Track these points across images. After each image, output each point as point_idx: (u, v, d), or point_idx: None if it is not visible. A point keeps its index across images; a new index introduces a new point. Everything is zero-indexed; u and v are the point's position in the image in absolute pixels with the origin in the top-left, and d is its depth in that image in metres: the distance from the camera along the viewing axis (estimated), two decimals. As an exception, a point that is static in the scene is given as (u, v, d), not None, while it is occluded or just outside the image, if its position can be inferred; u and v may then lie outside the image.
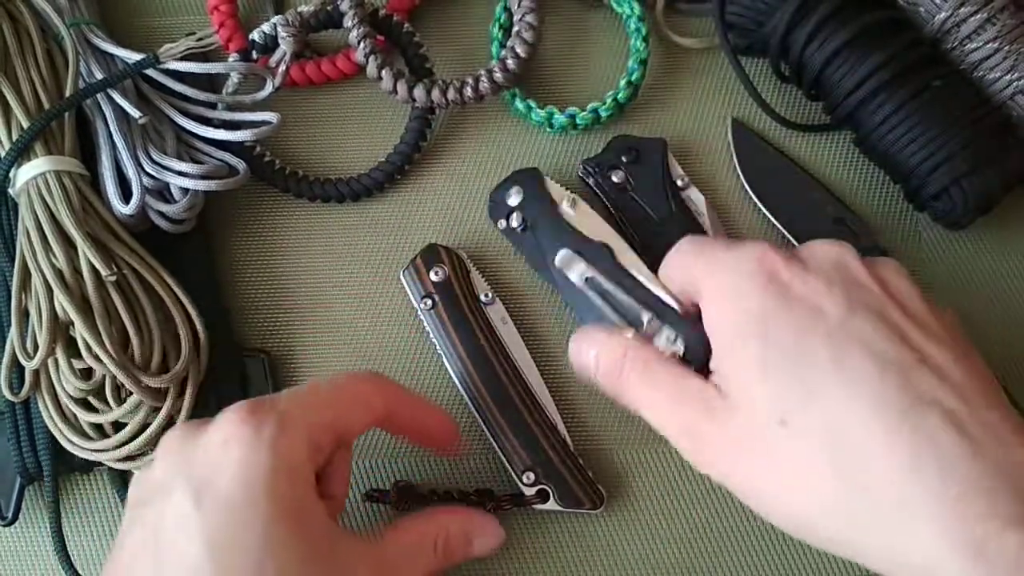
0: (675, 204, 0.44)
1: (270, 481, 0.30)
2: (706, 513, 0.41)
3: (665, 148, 0.45)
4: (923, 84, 0.41)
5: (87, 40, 0.42)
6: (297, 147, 0.46)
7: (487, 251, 0.44)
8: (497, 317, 0.42)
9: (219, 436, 0.31)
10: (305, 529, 0.31)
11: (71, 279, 0.37)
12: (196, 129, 0.41)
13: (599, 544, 0.41)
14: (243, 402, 0.32)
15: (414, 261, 0.43)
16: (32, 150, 0.39)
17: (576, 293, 0.40)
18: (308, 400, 0.33)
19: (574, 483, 0.39)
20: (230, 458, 0.30)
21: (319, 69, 0.46)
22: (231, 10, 0.46)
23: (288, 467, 0.31)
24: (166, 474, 0.31)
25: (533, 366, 0.42)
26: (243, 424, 0.31)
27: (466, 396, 0.41)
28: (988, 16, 0.41)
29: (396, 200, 0.45)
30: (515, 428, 0.40)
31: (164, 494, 0.30)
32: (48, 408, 0.38)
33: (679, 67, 0.48)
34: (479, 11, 0.48)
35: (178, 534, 0.29)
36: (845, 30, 0.42)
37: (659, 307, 0.37)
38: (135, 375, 0.36)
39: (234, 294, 0.44)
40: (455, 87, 0.44)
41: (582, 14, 0.49)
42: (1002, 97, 0.42)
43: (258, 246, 0.45)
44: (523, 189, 0.43)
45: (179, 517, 0.30)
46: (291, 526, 0.30)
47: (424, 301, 0.42)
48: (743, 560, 0.40)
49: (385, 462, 0.41)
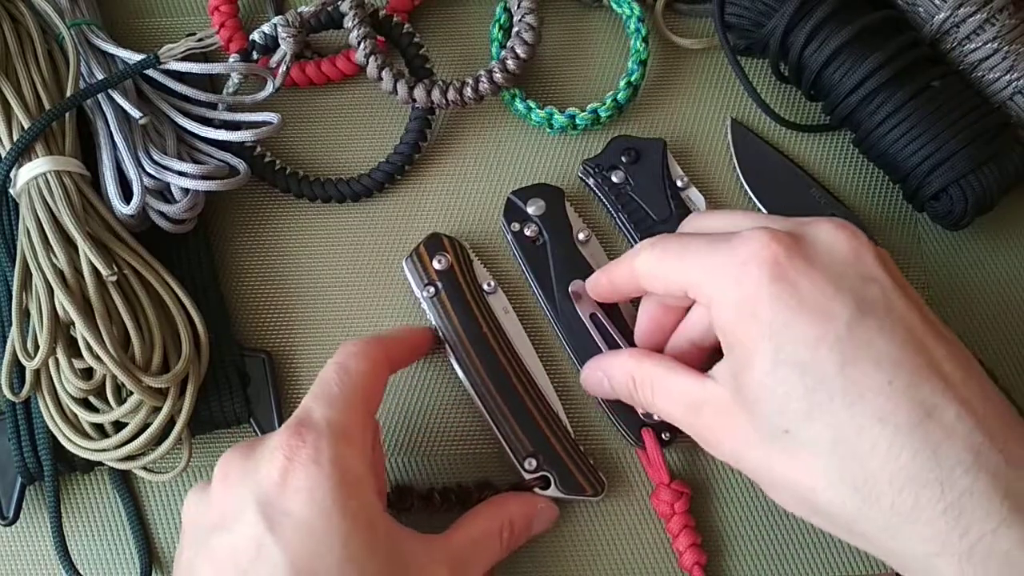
0: (675, 204, 0.44)
1: (340, 499, 0.30)
2: (706, 498, 0.41)
3: (665, 148, 0.45)
4: (922, 84, 0.41)
5: (88, 40, 0.42)
6: (297, 147, 0.46)
7: (489, 251, 0.44)
8: (499, 306, 0.42)
9: (279, 460, 0.31)
10: (378, 538, 0.31)
11: (72, 279, 0.37)
12: (196, 129, 0.41)
13: (600, 530, 0.41)
14: (287, 424, 0.32)
15: (417, 249, 0.43)
16: (33, 150, 0.39)
17: (577, 325, 0.42)
18: (339, 402, 0.33)
19: (575, 469, 0.40)
20: (297, 483, 0.30)
21: (319, 70, 0.46)
22: (232, 10, 0.46)
23: (353, 480, 0.31)
24: (232, 502, 0.31)
25: (535, 355, 0.42)
26: (298, 447, 0.31)
27: (468, 384, 0.41)
28: (987, 16, 0.41)
29: (396, 200, 0.45)
30: (517, 415, 0.40)
31: (234, 522, 0.30)
32: (49, 408, 0.38)
33: (679, 68, 0.48)
34: (479, 11, 0.48)
35: (260, 564, 0.29)
36: (844, 30, 0.42)
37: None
38: (136, 375, 0.36)
39: (234, 294, 0.44)
40: (455, 87, 0.44)
41: (582, 15, 0.49)
42: (1001, 97, 0.42)
43: (259, 246, 0.45)
44: (546, 204, 0.43)
45: (258, 547, 0.30)
46: (366, 538, 0.30)
47: (427, 289, 0.42)
48: (742, 545, 0.40)
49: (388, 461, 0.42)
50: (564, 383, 0.42)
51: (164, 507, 0.41)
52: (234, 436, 0.42)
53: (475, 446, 0.41)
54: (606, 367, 0.38)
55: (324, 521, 0.30)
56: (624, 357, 0.37)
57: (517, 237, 0.43)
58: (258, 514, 0.30)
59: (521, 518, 0.37)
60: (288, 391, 0.42)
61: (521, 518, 0.37)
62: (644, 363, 0.35)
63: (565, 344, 0.42)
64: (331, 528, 0.30)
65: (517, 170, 0.46)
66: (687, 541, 0.39)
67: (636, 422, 0.40)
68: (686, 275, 0.33)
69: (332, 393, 0.33)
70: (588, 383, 0.39)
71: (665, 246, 0.34)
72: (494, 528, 0.36)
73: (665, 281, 0.34)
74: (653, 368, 0.35)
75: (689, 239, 0.34)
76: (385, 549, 0.31)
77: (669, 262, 0.34)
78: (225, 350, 0.41)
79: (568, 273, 0.42)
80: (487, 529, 0.36)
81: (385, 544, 0.31)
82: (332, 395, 0.33)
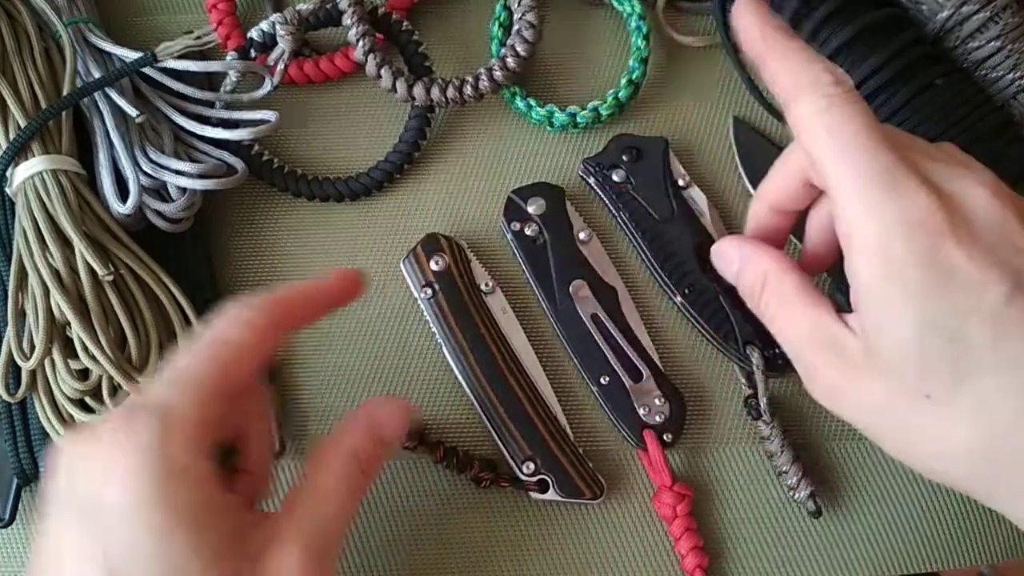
0: (676, 203, 0.43)
1: (157, 490, 0.28)
2: (709, 501, 0.41)
3: (666, 147, 0.44)
4: (925, 83, 0.41)
5: (85, 39, 0.42)
6: (296, 146, 0.46)
7: (488, 250, 0.44)
8: (497, 307, 0.42)
9: (100, 447, 0.28)
10: (205, 530, 0.28)
11: (68, 279, 0.36)
12: (194, 128, 0.41)
13: (602, 533, 0.40)
14: (122, 405, 0.30)
15: (414, 250, 0.42)
16: (29, 149, 0.38)
17: (577, 325, 0.41)
18: (182, 377, 0.30)
19: (574, 473, 0.39)
20: (113, 473, 0.28)
21: (318, 67, 0.46)
22: (229, 8, 0.46)
23: (179, 470, 0.28)
24: (56, 489, 0.29)
25: (533, 356, 0.42)
26: (121, 432, 0.28)
27: (466, 386, 0.41)
28: (990, 15, 0.41)
29: (396, 199, 0.45)
30: (515, 418, 0.40)
31: (58, 510, 0.29)
32: (45, 408, 0.37)
33: (680, 65, 0.48)
34: (479, 9, 0.48)
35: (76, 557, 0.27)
36: (847, 28, 0.41)
37: (653, 368, 0.41)
38: (132, 375, 0.36)
39: (233, 293, 0.44)
40: (455, 85, 0.44)
41: (583, 12, 0.49)
42: (1004, 96, 0.42)
43: (257, 245, 0.44)
44: (546, 203, 0.43)
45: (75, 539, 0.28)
46: (189, 531, 0.28)
47: (424, 290, 0.42)
48: (745, 548, 0.40)
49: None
50: (564, 384, 0.42)
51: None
52: (232, 437, 0.42)
53: (472, 449, 0.41)
54: (747, 254, 0.34)
55: (141, 513, 0.27)
56: (768, 258, 0.33)
57: (517, 236, 0.43)
58: (73, 506, 0.28)
59: (368, 442, 0.33)
60: (287, 391, 0.42)
61: (368, 442, 0.33)
62: (786, 276, 0.32)
63: (565, 344, 0.42)
64: (147, 521, 0.27)
65: (517, 169, 0.46)
66: (689, 544, 0.39)
67: (638, 424, 0.40)
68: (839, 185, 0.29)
69: (177, 369, 0.30)
70: (719, 257, 0.36)
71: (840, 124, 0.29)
72: (341, 473, 0.32)
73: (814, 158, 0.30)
74: (793, 286, 0.32)
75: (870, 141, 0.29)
76: (215, 542, 0.28)
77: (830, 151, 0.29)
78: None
79: (568, 273, 0.42)
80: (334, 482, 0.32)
81: (215, 536, 0.29)
82: (175, 372, 0.30)
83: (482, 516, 0.41)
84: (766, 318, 0.33)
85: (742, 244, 0.35)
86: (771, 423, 0.40)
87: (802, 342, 0.32)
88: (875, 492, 0.41)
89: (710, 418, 0.42)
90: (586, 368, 0.41)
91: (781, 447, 0.40)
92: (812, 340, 0.31)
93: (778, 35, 0.31)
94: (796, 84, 0.30)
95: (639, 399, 0.40)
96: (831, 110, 0.29)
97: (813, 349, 0.31)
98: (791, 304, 0.32)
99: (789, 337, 0.32)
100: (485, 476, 0.39)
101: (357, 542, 0.40)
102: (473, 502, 0.41)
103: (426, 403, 0.42)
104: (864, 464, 0.42)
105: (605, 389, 0.41)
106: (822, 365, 0.31)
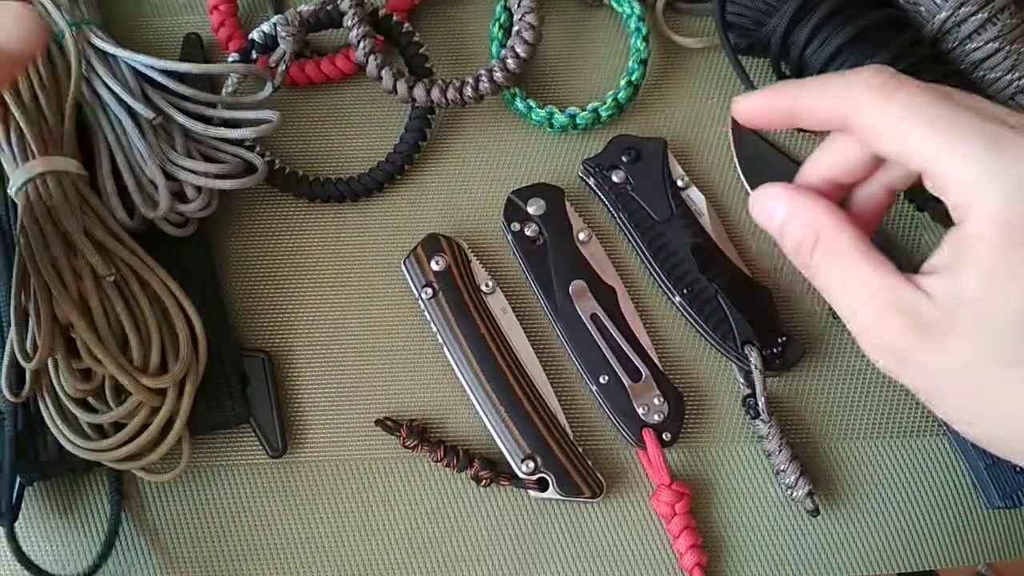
0: (675, 204, 0.44)
1: None
2: (707, 499, 0.41)
3: (665, 148, 0.45)
4: (923, 84, 0.41)
5: (88, 40, 0.42)
6: (297, 147, 0.46)
7: (488, 251, 0.44)
8: (498, 307, 0.42)
9: None
10: None
11: (70, 280, 0.37)
12: (195, 127, 0.41)
13: (601, 531, 0.41)
14: None
15: (415, 250, 0.43)
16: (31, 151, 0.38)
17: (577, 325, 0.42)
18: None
19: (573, 471, 0.40)
20: None
21: (319, 69, 0.46)
22: (231, 10, 0.46)
23: None
24: None
25: (533, 356, 0.42)
26: None
27: (466, 385, 0.41)
28: (988, 16, 0.41)
29: (396, 200, 0.45)
30: (515, 417, 0.40)
31: None
32: (49, 408, 0.37)
33: (679, 67, 0.48)
34: (479, 11, 0.48)
35: None
36: (845, 30, 0.42)
37: (652, 367, 0.41)
38: (134, 376, 0.36)
39: (234, 294, 0.44)
40: (455, 87, 0.44)
41: (582, 14, 0.49)
42: (1003, 97, 0.42)
43: (258, 246, 0.45)
44: (546, 204, 0.43)
45: None
46: None
47: (425, 290, 0.42)
48: (743, 546, 0.40)
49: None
50: (563, 383, 0.42)
51: (164, 507, 0.41)
52: (234, 436, 0.42)
53: (472, 448, 0.41)
54: (796, 203, 0.31)
55: None
56: (822, 209, 0.30)
57: (517, 237, 0.43)
58: None
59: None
60: (288, 391, 0.42)
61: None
62: (844, 231, 0.29)
63: (565, 344, 0.42)
64: None
65: (517, 170, 0.46)
66: (688, 542, 0.39)
67: (637, 423, 0.40)
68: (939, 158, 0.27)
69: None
70: (760, 204, 0.32)
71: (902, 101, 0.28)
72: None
73: (897, 146, 0.28)
74: (852, 243, 0.29)
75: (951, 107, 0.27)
76: None
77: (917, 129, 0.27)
78: (224, 350, 0.41)
79: (568, 273, 0.42)
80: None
81: None
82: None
83: (482, 514, 0.41)
84: (818, 276, 0.30)
85: (790, 192, 0.31)
86: (769, 422, 0.41)
87: (863, 303, 0.29)
88: (872, 491, 0.41)
89: (709, 417, 0.42)
90: (585, 367, 0.41)
91: (779, 446, 0.40)
92: (877, 301, 0.29)
93: (787, 83, 0.31)
94: (842, 96, 0.29)
95: (638, 398, 0.41)
96: (898, 94, 0.27)
97: (877, 311, 0.29)
98: (850, 262, 0.29)
99: (846, 297, 0.29)
100: (485, 475, 0.40)
101: (357, 541, 0.41)
102: (473, 501, 0.41)
103: (426, 402, 0.42)
104: (861, 463, 0.42)
105: (604, 388, 0.41)
106: (887, 327, 0.28)
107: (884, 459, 0.42)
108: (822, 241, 0.30)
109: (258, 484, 0.41)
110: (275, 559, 0.40)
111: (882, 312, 0.29)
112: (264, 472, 0.41)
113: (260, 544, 0.41)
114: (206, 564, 0.40)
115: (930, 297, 0.28)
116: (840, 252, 0.29)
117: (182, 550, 0.41)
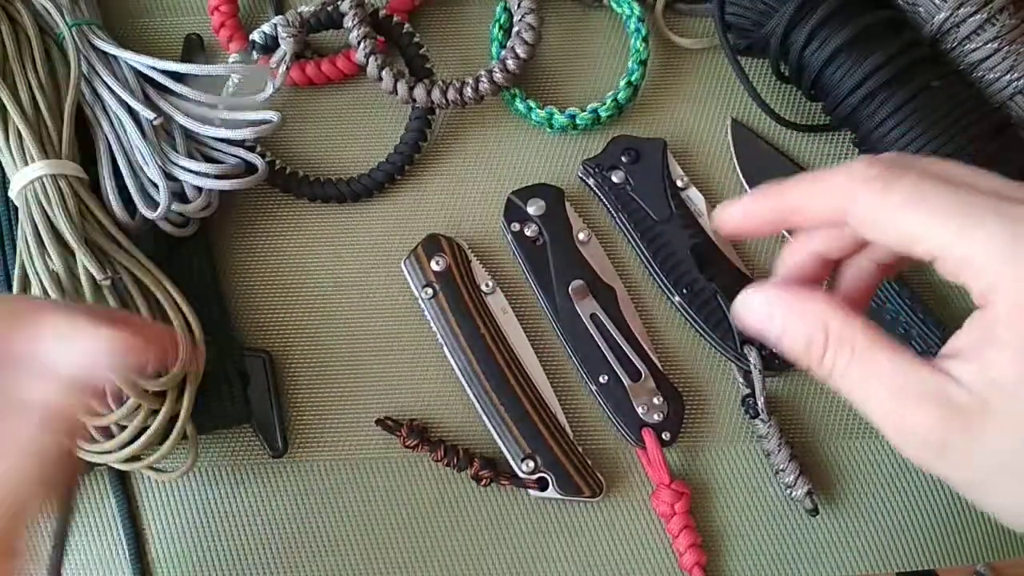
0: (675, 204, 0.44)
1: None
2: (707, 498, 0.41)
3: (665, 148, 0.45)
4: (922, 84, 0.41)
5: (89, 41, 0.42)
6: (297, 147, 0.46)
7: (488, 251, 0.44)
8: (498, 307, 0.42)
9: None
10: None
11: (68, 284, 0.37)
12: (196, 128, 0.41)
13: (600, 530, 0.41)
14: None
15: (415, 250, 0.43)
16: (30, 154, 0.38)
17: (577, 325, 0.42)
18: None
19: (573, 471, 0.40)
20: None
21: (319, 69, 0.46)
22: (231, 10, 0.46)
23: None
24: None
25: (533, 355, 0.42)
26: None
27: (466, 385, 0.41)
28: (987, 16, 0.41)
29: (396, 200, 0.45)
30: (514, 417, 0.40)
31: None
32: (49, 408, 0.37)
33: (679, 67, 0.48)
34: (479, 11, 0.48)
35: None
36: (845, 30, 0.42)
37: (652, 367, 0.41)
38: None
39: (235, 294, 0.44)
40: (455, 87, 0.44)
41: (582, 15, 0.49)
42: (1001, 97, 0.42)
43: (258, 246, 0.45)
44: (546, 204, 0.43)
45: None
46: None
47: (425, 290, 0.42)
48: (743, 546, 0.40)
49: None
50: (563, 383, 0.42)
51: (164, 508, 0.41)
52: (234, 436, 0.42)
53: (472, 448, 0.41)
54: (790, 305, 0.28)
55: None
56: (824, 305, 0.27)
57: (517, 237, 0.43)
58: None
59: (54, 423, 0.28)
60: (288, 391, 0.42)
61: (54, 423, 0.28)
62: (854, 323, 0.27)
63: (565, 344, 0.42)
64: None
65: (517, 170, 0.46)
66: (687, 541, 0.39)
67: (636, 422, 0.40)
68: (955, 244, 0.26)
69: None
70: (749, 313, 0.29)
71: (905, 190, 0.26)
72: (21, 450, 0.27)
73: (901, 235, 0.26)
74: (865, 334, 0.27)
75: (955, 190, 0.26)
76: None
77: (915, 215, 0.26)
78: (225, 350, 0.41)
79: (568, 273, 0.42)
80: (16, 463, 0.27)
81: None
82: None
83: (482, 514, 0.41)
84: (833, 375, 0.28)
85: (779, 293, 0.29)
86: (768, 422, 0.41)
87: (891, 396, 0.27)
88: (872, 490, 0.41)
89: (708, 417, 0.42)
90: (585, 367, 0.41)
91: (778, 445, 0.40)
92: (906, 393, 0.27)
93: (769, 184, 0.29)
94: (834, 190, 0.27)
95: (638, 398, 0.41)
96: (899, 183, 0.26)
97: (907, 404, 0.27)
98: (869, 355, 0.27)
99: (872, 393, 0.27)
100: (485, 474, 0.40)
101: (357, 541, 0.41)
102: (473, 500, 0.41)
103: (426, 402, 0.42)
104: (861, 462, 0.42)
105: (604, 388, 0.41)
106: (923, 419, 0.26)
107: (884, 459, 0.42)
108: (832, 339, 0.27)
109: (258, 484, 0.41)
110: (275, 559, 0.41)
111: (913, 405, 0.26)
112: (264, 472, 0.42)
113: (260, 544, 0.41)
114: (206, 564, 0.41)
115: (959, 382, 0.26)
116: (856, 346, 0.27)
117: (182, 550, 0.41)
